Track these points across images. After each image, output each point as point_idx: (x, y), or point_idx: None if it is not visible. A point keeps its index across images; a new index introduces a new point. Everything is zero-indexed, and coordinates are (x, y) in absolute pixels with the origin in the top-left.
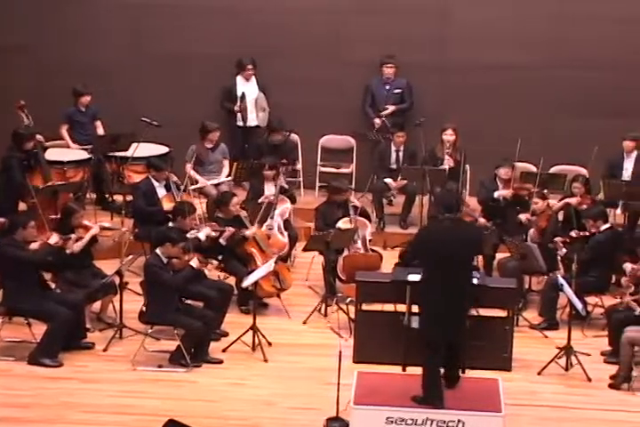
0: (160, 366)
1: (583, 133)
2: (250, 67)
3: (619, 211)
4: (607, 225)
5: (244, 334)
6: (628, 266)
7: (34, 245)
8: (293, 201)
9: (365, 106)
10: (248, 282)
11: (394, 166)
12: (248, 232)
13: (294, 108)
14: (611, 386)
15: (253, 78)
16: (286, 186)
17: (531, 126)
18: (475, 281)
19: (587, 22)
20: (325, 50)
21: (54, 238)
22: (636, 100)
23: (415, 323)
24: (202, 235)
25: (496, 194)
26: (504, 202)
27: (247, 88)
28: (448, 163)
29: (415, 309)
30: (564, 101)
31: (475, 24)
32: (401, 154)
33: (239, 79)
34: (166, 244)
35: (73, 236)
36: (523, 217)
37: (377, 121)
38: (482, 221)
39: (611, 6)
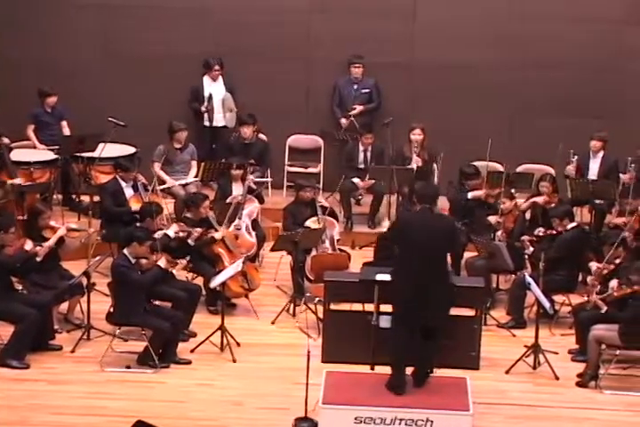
0: (128, 367)
1: (550, 133)
2: (217, 67)
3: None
4: (574, 224)
5: (212, 334)
6: (594, 265)
7: (8, 250)
8: (261, 201)
9: (333, 106)
10: (216, 282)
11: (361, 166)
12: (217, 235)
13: (261, 108)
14: (578, 384)
15: (220, 78)
16: (254, 186)
17: (498, 126)
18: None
19: (552, 22)
20: (293, 50)
21: (29, 245)
22: (602, 100)
23: (384, 322)
24: (170, 231)
25: (469, 195)
26: (472, 202)
27: (214, 88)
28: (416, 162)
29: (384, 308)
30: (530, 101)
31: (442, 24)
32: (369, 154)
33: (206, 79)
34: (134, 244)
35: (46, 244)
36: (493, 219)
37: (345, 121)
38: None
39: (577, 6)
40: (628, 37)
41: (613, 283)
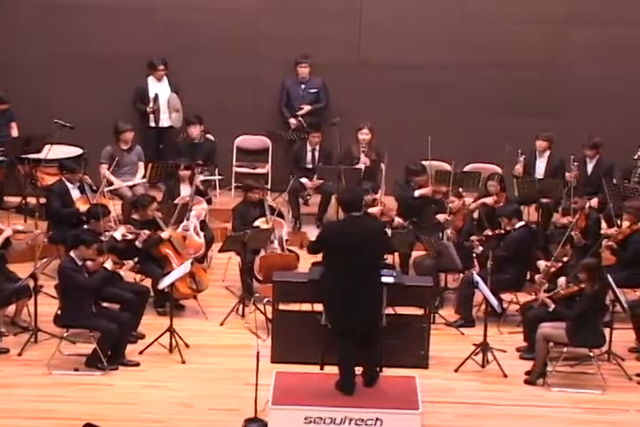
0: (76, 370)
1: (497, 132)
2: (161, 67)
3: None
4: (522, 223)
5: (160, 335)
6: (541, 263)
7: None
8: (209, 202)
9: (281, 106)
10: (164, 284)
11: (309, 166)
12: (164, 234)
13: (208, 109)
14: (526, 382)
15: (165, 79)
16: (202, 187)
17: (446, 125)
18: (390, 280)
19: (498, 23)
20: (239, 49)
21: None
22: (548, 100)
23: None
24: (117, 234)
25: (417, 193)
26: (420, 201)
27: (159, 89)
28: (363, 162)
29: None
30: (477, 101)
31: (389, 24)
32: (317, 153)
33: (151, 80)
34: (80, 246)
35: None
36: (441, 217)
37: (293, 121)
38: (398, 220)
39: (521, 7)
40: (573, 38)
41: (562, 280)
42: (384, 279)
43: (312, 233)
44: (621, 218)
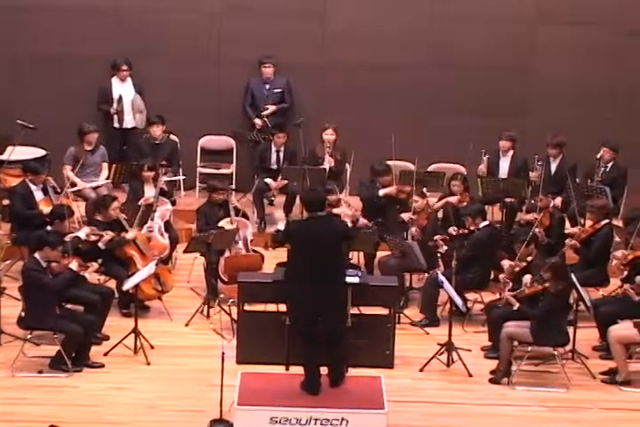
0: (40, 372)
1: (461, 132)
2: (125, 67)
3: None
4: (486, 222)
5: (125, 337)
6: (505, 263)
7: None
8: (173, 203)
9: (245, 106)
10: (129, 285)
11: (274, 167)
12: (128, 235)
13: (172, 109)
14: (491, 381)
15: (129, 79)
16: (166, 187)
17: (409, 125)
18: (355, 280)
19: (464, 23)
20: (202, 50)
21: None
22: (513, 100)
23: None
24: (82, 233)
25: (381, 192)
26: (384, 201)
27: (123, 89)
28: (328, 162)
29: None
30: (442, 101)
31: (353, 24)
32: (281, 154)
33: (115, 80)
34: (45, 247)
35: None
36: (405, 216)
37: (257, 121)
38: (363, 221)
39: (486, 7)
40: (538, 38)
41: (526, 279)
42: (349, 279)
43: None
44: (585, 217)
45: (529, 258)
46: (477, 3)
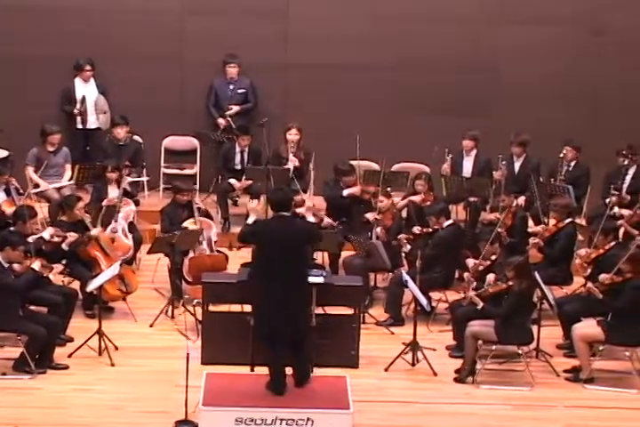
0: (4, 374)
1: (425, 132)
2: (88, 68)
3: None
4: (450, 221)
5: (89, 338)
6: (470, 261)
7: None
8: (137, 203)
9: (209, 106)
10: (93, 286)
11: (238, 167)
12: (93, 232)
13: (136, 110)
14: (456, 380)
15: (92, 80)
16: (129, 188)
17: (373, 125)
18: (320, 279)
19: (428, 23)
20: (165, 50)
21: None
22: (476, 100)
23: None
24: (46, 234)
25: (345, 192)
26: (348, 200)
27: (86, 90)
28: (292, 162)
29: None
30: (405, 101)
31: (316, 24)
32: (245, 154)
33: (78, 81)
34: (6, 248)
35: None
36: (370, 216)
37: (221, 121)
38: (327, 220)
39: (455, 6)
40: (501, 37)
41: (490, 278)
42: (313, 279)
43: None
44: (548, 216)
45: (493, 257)
46: (441, 2)
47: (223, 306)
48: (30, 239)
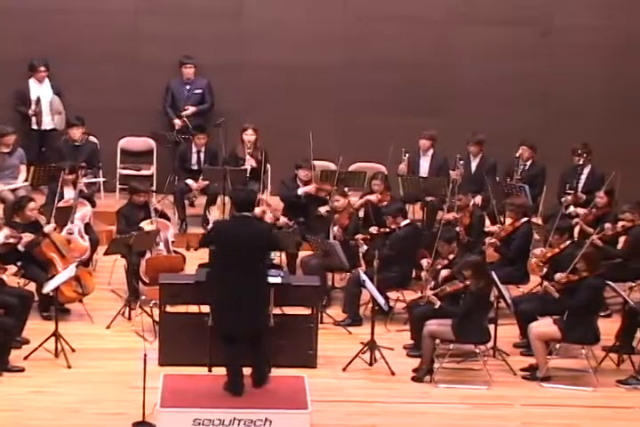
0: None
1: (381, 132)
2: (42, 68)
3: None
4: (407, 221)
5: (46, 340)
6: (424, 261)
7: None
8: (93, 204)
9: (166, 107)
10: (49, 288)
11: (195, 167)
12: (46, 228)
13: (92, 111)
14: (414, 379)
15: (47, 80)
16: (86, 190)
17: (330, 125)
18: (278, 280)
19: (383, 23)
20: (122, 51)
21: None
22: (432, 99)
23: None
24: (0, 235)
25: (300, 191)
26: (305, 200)
27: (41, 91)
28: (249, 163)
29: None
30: (362, 100)
31: (271, 24)
32: (202, 155)
33: (32, 82)
34: None
35: None
36: (322, 209)
37: (178, 122)
38: (284, 220)
39: (410, 6)
40: (455, 37)
41: (444, 273)
42: (271, 279)
43: (199, 234)
44: (504, 215)
45: (450, 256)
46: (397, 3)
47: (180, 307)
48: None
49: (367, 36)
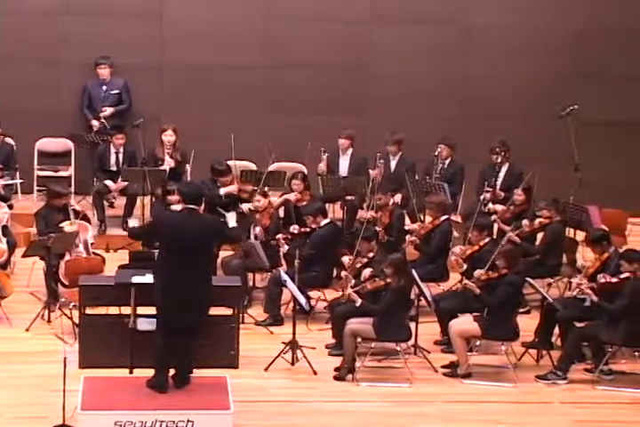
0: None
1: (300, 131)
2: None
3: None
4: (327, 220)
5: None
6: (345, 259)
7: None
8: (11, 206)
9: (83, 108)
10: None
11: (114, 168)
12: None
13: (8, 112)
14: (336, 378)
15: None
16: (2, 191)
17: (250, 125)
18: None
19: (301, 23)
20: (38, 51)
21: None
22: (350, 99)
23: (142, 325)
24: None
25: (222, 191)
26: (226, 200)
27: None
28: (168, 163)
29: (141, 311)
30: (281, 100)
31: (191, 24)
32: (121, 155)
33: None
34: None
35: None
36: (245, 207)
37: (95, 123)
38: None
39: (329, 7)
40: (373, 37)
41: (366, 272)
42: None
43: (118, 236)
44: (424, 213)
45: (370, 254)
46: (313, 3)
47: (100, 309)
48: None
49: (286, 36)
